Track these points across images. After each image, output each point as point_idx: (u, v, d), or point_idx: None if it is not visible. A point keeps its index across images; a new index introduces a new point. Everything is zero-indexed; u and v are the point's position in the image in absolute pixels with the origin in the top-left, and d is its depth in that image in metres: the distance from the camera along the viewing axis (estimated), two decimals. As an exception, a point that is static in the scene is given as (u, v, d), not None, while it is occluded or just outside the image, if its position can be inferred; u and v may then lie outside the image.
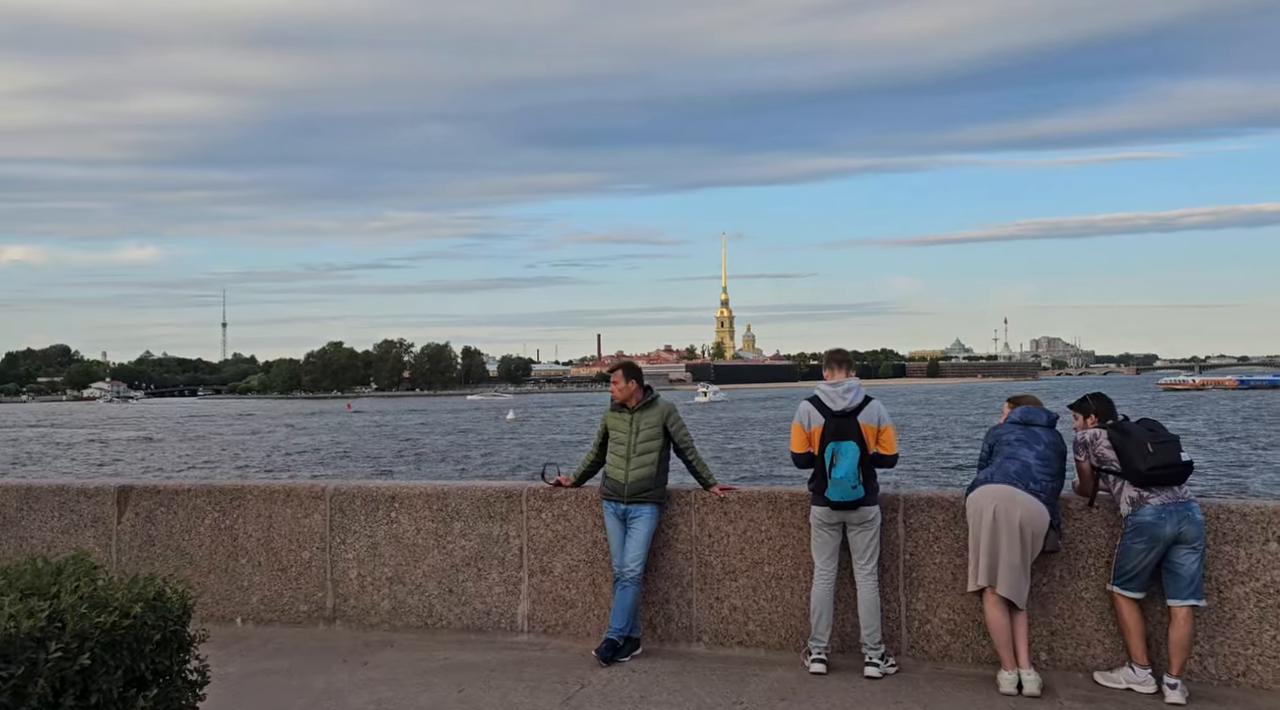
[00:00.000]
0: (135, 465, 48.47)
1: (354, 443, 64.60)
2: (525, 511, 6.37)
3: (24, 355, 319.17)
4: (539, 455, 51.64)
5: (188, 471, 44.53)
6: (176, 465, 47.87)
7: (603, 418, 6.15)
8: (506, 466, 43.77)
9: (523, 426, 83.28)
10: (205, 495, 6.84)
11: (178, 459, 52.15)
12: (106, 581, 3.94)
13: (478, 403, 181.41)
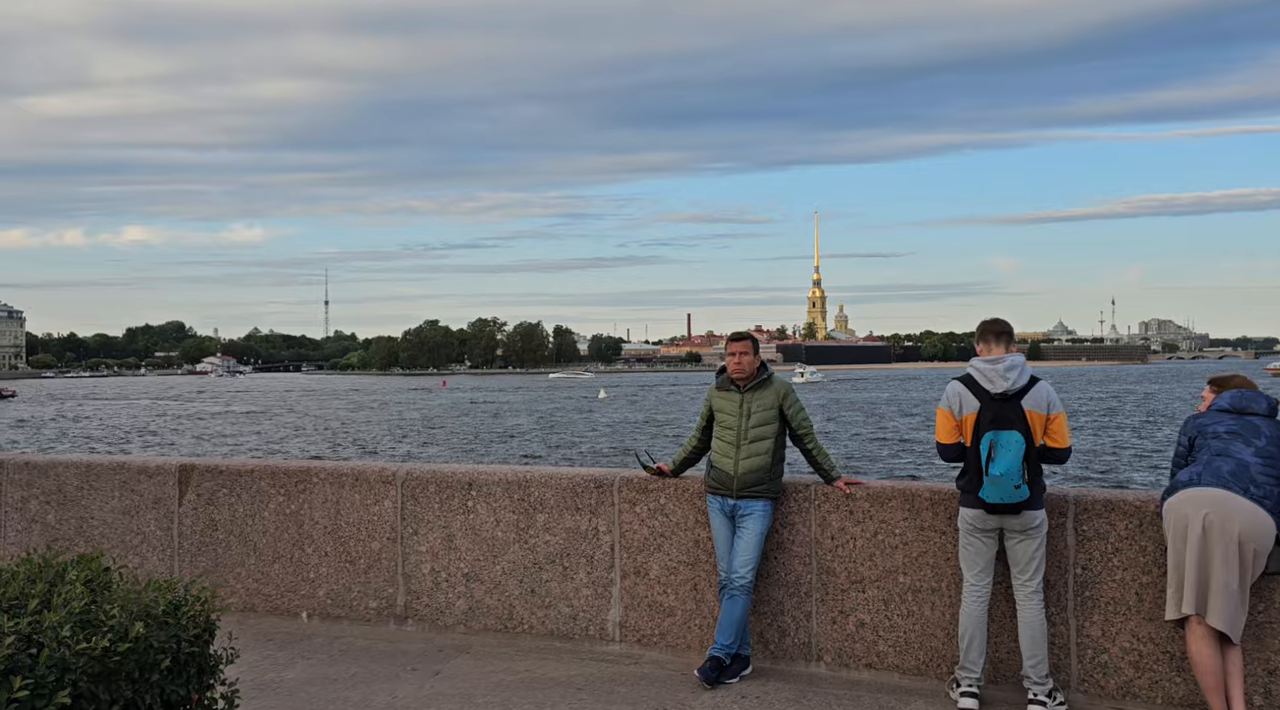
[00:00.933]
0: (230, 438, 49.70)
1: (445, 419, 65.27)
2: (617, 504, 5.57)
3: (142, 331, 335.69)
4: (633, 437, 49.58)
5: (288, 441, 45.40)
6: (275, 438, 48.90)
7: (706, 397, 5.29)
8: (598, 450, 41.69)
9: (612, 404, 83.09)
10: (269, 477, 6.26)
11: (282, 431, 53.41)
12: (122, 588, 3.29)
13: (558, 381, 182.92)
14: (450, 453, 41.85)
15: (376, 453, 41.47)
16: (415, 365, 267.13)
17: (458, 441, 47.12)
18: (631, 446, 42.50)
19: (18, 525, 6.66)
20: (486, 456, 40.09)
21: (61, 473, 6.63)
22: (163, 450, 43.34)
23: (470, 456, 41.08)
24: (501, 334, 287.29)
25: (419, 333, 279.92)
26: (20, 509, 6.67)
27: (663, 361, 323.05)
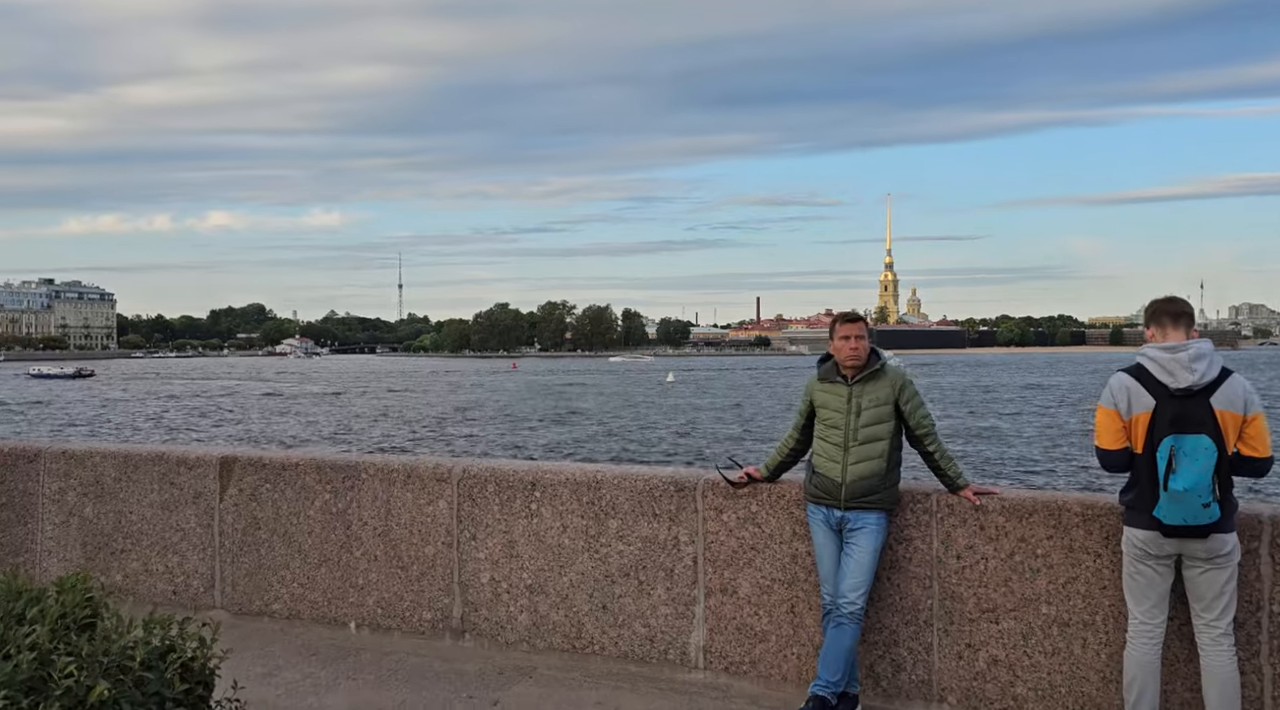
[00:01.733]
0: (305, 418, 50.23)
1: (512, 402, 65.22)
2: (701, 510, 4.84)
3: (225, 313, 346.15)
4: (709, 426, 45.90)
5: (370, 425, 45.71)
6: (353, 422, 49.32)
7: (805, 389, 4.51)
8: (671, 442, 38.06)
9: (682, 388, 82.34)
10: (315, 471, 5.68)
11: (356, 413, 53.94)
12: (106, 626, 2.69)
13: (620, 364, 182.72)
14: (514, 435, 41.07)
15: (456, 443, 38.10)
16: (486, 347, 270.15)
17: (522, 429, 46.37)
18: (706, 434, 39.69)
19: (55, 518, 6.22)
20: (547, 447, 37.03)
21: (99, 463, 6.16)
22: (231, 431, 43.83)
23: (533, 440, 40.12)
24: (571, 317, 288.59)
25: (489, 315, 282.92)
26: (57, 501, 6.23)
27: (731, 345, 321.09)
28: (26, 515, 6.28)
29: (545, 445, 36.65)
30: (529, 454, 33.99)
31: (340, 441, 37.71)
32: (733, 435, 41.18)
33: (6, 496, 6.32)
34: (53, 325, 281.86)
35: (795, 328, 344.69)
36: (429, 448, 34.82)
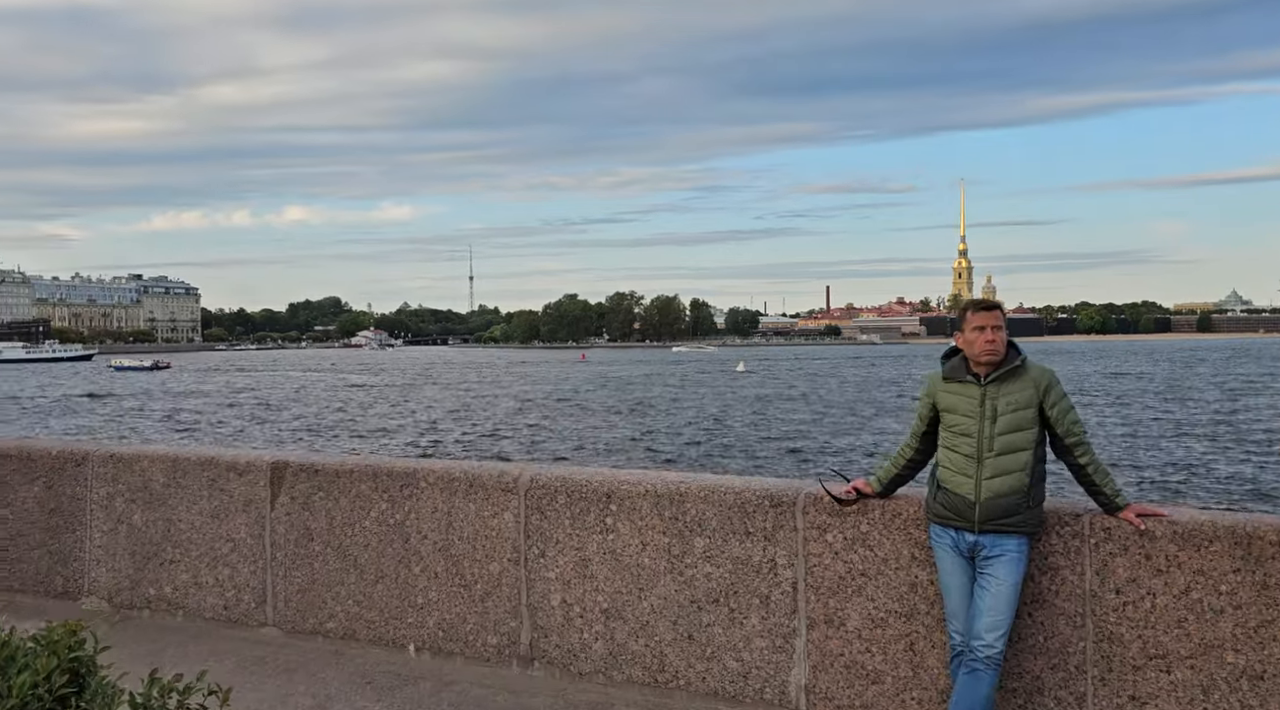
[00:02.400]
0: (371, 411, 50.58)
1: (582, 394, 64.96)
2: (801, 529, 4.20)
3: (303, 306, 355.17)
4: (780, 416, 43.19)
5: (426, 419, 45.80)
6: (406, 413, 49.52)
7: (926, 390, 3.83)
8: (753, 439, 34.19)
9: (753, 378, 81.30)
10: (370, 479, 5.19)
11: (429, 403, 54.23)
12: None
13: (683, 354, 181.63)
14: (584, 428, 40.22)
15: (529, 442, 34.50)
16: (555, 338, 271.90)
17: (592, 422, 45.51)
18: (792, 432, 35.66)
19: (104, 525, 5.87)
20: (618, 446, 33.09)
21: (147, 467, 5.78)
22: (295, 424, 44.15)
23: (605, 436, 39.01)
24: (639, 307, 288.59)
25: (558, 306, 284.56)
26: (106, 507, 5.87)
27: (800, 335, 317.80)
28: (75, 521, 5.95)
29: (617, 442, 33.68)
30: (600, 451, 31.76)
31: (408, 435, 36.74)
32: (814, 428, 37.85)
33: (55, 501, 6.00)
34: (141, 319, 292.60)
35: (866, 316, 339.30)
36: (496, 443, 33.40)
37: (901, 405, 50.54)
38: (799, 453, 30.30)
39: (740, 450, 31.22)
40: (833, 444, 32.92)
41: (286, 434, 38.11)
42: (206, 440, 36.48)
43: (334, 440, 35.44)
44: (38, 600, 5.97)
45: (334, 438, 36.26)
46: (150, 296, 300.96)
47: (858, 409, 48.93)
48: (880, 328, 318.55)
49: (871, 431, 37.46)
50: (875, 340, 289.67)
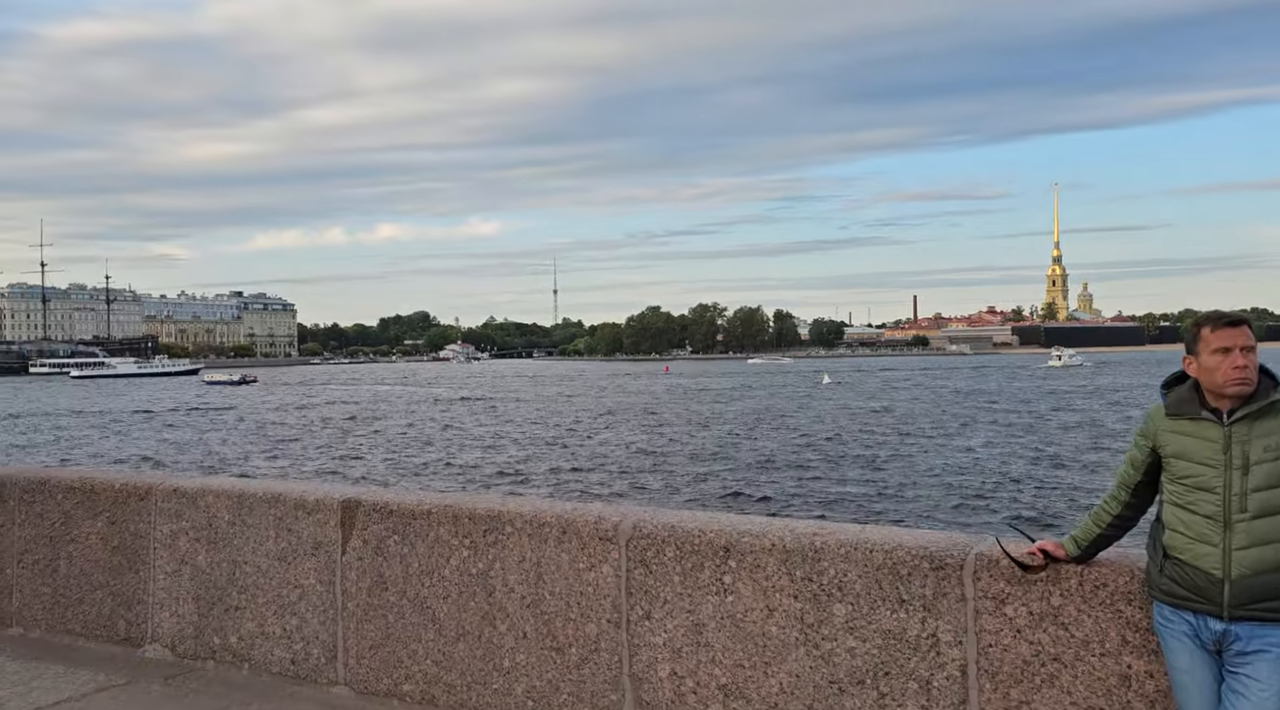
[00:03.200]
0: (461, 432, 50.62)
1: (662, 407, 64.21)
2: (971, 598, 3.40)
3: (394, 321, 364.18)
4: (907, 443, 36.15)
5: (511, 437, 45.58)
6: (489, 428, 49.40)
7: (1143, 428, 2.99)
8: (875, 466, 29.31)
9: (840, 390, 79.30)
10: (450, 522, 4.57)
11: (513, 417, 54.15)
12: None
13: (759, 366, 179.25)
14: (675, 443, 38.78)
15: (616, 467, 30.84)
16: (638, 351, 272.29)
17: (683, 439, 44.20)
18: (923, 467, 29.07)
19: (167, 566, 5.39)
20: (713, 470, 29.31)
21: (212, 503, 5.28)
22: (376, 441, 44.36)
23: (694, 449, 36.94)
24: (722, 319, 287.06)
25: (642, 319, 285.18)
26: (169, 546, 5.39)
27: (887, 345, 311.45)
28: (138, 561, 5.49)
29: (725, 474, 28.24)
30: (706, 481, 27.16)
31: (491, 457, 34.50)
32: (945, 456, 31.60)
33: (119, 538, 5.55)
34: (241, 334, 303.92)
35: (955, 326, 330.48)
36: (588, 472, 29.48)
37: (1064, 425, 43.90)
38: (951, 493, 24.18)
39: (867, 484, 25.85)
40: (986, 482, 26.37)
41: (363, 452, 36.99)
42: (281, 460, 35.41)
43: (413, 461, 33.68)
44: (99, 646, 5.52)
45: (412, 459, 34.49)
46: (250, 313, 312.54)
47: (994, 432, 41.25)
48: (970, 338, 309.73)
49: (1026, 458, 31.38)
50: (965, 350, 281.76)
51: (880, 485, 25.91)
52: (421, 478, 29.55)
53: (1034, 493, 24.53)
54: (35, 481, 5.93)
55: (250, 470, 30.99)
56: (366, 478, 28.30)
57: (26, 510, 5.89)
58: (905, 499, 23.57)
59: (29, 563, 5.86)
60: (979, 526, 18.33)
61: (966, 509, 22.03)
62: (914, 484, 25.97)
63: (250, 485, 5.33)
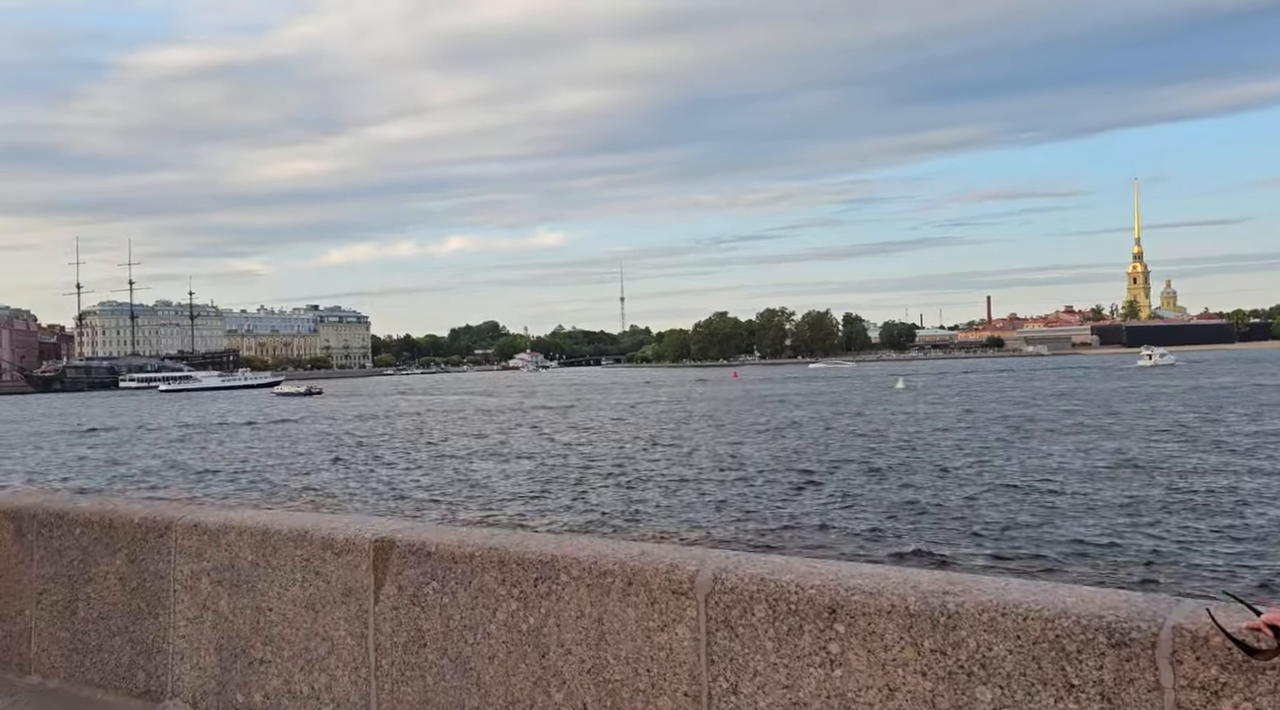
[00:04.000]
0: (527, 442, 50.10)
1: (732, 416, 63.08)
2: (1171, 688, 2.56)
3: (464, 331, 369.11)
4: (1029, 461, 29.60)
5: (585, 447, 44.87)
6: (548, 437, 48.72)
7: None
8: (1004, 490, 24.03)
9: (918, 396, 77.11)
10: (497, 567, 3.87)
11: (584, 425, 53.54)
12: None
13: (819, 370, 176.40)
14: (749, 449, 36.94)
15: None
16: (706, 356, 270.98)
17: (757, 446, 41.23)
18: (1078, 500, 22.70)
19: (189, 611, 4.81)
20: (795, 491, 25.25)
21: (234, 541, 4.69)
22: (431, 452, 44.02)
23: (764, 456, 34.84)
24: (790, 323, 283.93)
25: (709, 325, 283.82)
26: (190, 588, 4.82)
27: (960, 347, 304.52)
28: (158, 604, 4.93)
29: (822, 503, 23.28)
30: (785, 501, 23.24)
31: (549, 471, 31.54)
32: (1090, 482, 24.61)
33: (138, 579, 5.00)
34: (318, 347, 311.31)
35: (1031, 326, 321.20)
36: (657, 500, 24.84)
37: (1223, 435, 36.24)
38: (1110, 526, 18.70)
39: (993, 510, 20.97)
40: (1155, 510, 20.39)
41: (411, 469, 34.18)
42: (326, 475, 33.39)
43: (461, 481, 30.31)
44: (118, 699, 4.97)
45: (461, 479, 30.89)
46: (326, 325, 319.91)
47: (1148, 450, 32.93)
48: (1048, 338, 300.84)
49: (1201, 479, 24.50)
50: (1043, 351, 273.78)
51: (1007, 512, 20.95)
52: (469, 502, 25.95)
53: (1238, 533, 17.67)
54: (54, 514, 5.43)
55: (293, 489, 29.48)
56: (407, 500, 26.43)
57: (45, 546, 5.40)
58: (1046, 533, 18.46)
59: (48, 604, 5.35)
60: (1167, 580, 14.20)
61: (1138, 552, 16.45)
62: (1052, 512, 20.80)
63: (275, 520, 4.72)
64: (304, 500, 26.33)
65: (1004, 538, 18.32)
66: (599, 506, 24.45)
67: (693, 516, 22.24)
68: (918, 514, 21.27)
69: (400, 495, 27.39)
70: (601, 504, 24.86)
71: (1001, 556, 16.62)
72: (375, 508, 24.73)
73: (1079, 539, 17.86)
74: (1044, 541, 17.81)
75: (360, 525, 4.47)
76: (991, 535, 18.59)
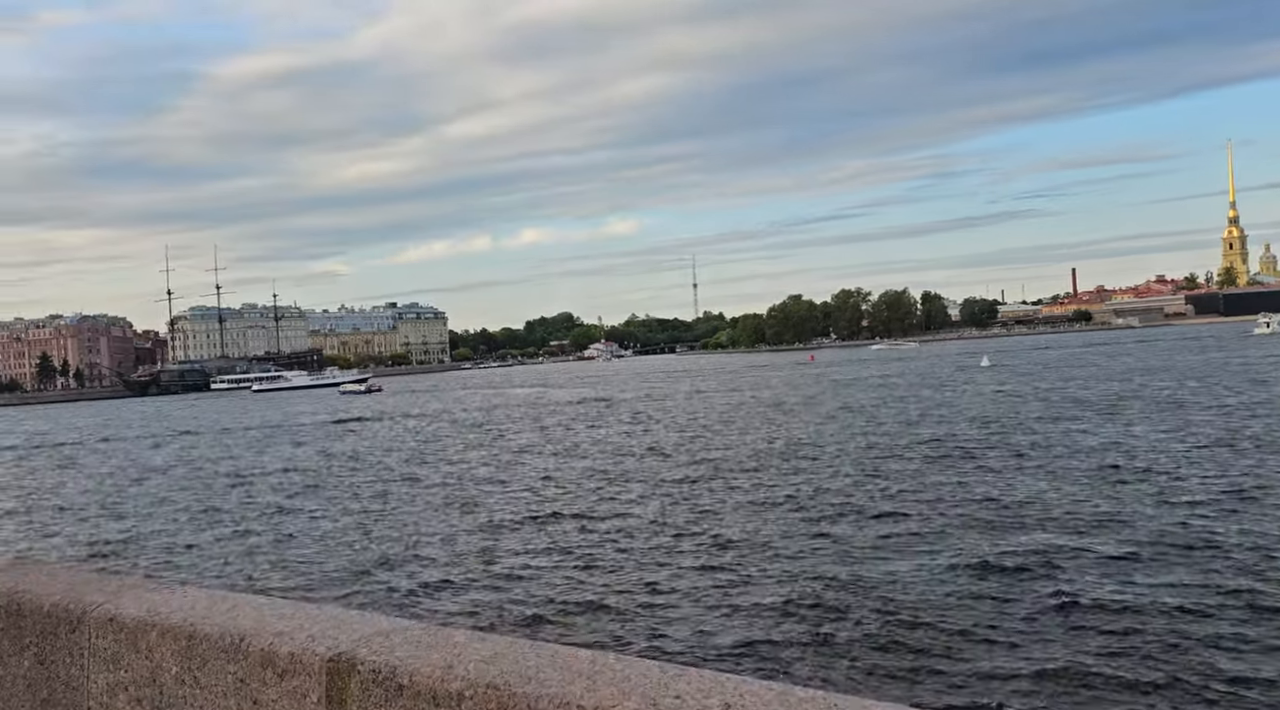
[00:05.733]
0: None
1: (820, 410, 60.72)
2: None
3: (539, 323, 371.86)
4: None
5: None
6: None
7: None
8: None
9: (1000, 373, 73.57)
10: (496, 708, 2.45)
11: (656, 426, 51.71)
12: None
13: (881, 352, 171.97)
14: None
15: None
16: (781, 341, 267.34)
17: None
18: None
19: (106, 736, 3.53)
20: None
21: (155, 647, 3.39)
22: (478, 455, 42.70)
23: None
24: (866, 304, 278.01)
25: (783, 308, 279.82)
26: (106, 705, 3.54)
27: (1045, 322, 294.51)
28: (72, 722, 3.67)
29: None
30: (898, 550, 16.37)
31: (594, 504, 23.62)
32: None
33: (48, 689, 3.76)
34: (397, 343, 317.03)
35: (1120, 298, 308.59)
36: (715, 536, 18.44)
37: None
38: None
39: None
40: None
41: (416, 497, 27.30)
42: (329, 493, 29.35)
43: (470, 518, 22.88)
44: None
45: (480, 527, 21.96)
46: (404, 322, 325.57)
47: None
48: (1139, 309, 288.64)
49: None
50: (1134, 323, 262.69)
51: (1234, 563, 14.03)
52: (476, 565, 17.84)
53: None
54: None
55: (270, 533, 23.36)
56: (388, 565, 18.28)
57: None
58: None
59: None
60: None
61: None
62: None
63: (203, 619, 3.37)
64: (268, 560, 19.81)
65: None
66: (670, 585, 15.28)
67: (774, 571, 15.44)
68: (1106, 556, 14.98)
69: (383, 559, 18.87)
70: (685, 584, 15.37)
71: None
72: (351, 569, 18.16)
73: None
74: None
75: (313, 628, 3.10)
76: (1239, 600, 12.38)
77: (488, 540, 20.28)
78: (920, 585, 14.30)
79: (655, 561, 17.09)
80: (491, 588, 16.16)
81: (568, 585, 15.91)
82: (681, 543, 18.54)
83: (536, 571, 17.04)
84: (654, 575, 16.04)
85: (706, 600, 14.32)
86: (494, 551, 19.07)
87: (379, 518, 24.42)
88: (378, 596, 16.00)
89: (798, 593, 14.19)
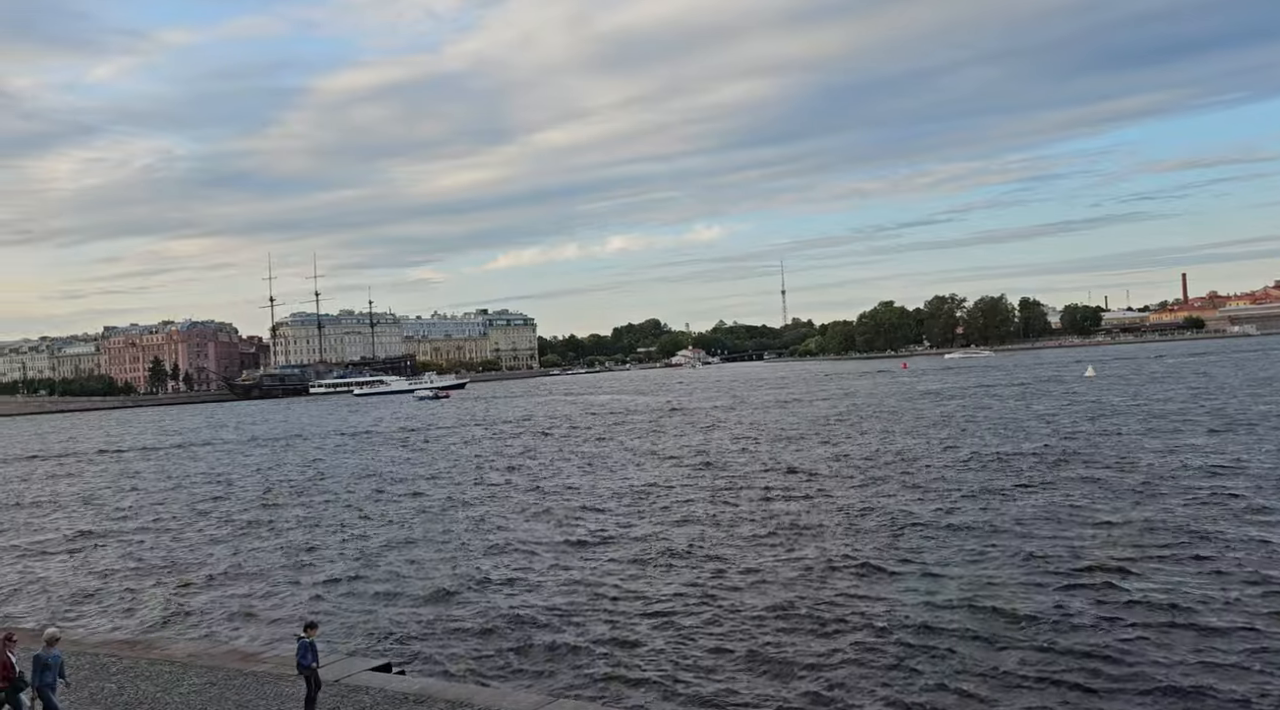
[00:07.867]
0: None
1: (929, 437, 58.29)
2: None
3: (626, 329, 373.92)
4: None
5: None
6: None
7: None
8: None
9: (1108, 385, 70.41)
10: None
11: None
12: None
13: (954, 362, 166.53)
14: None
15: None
16: (872, 348, 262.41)
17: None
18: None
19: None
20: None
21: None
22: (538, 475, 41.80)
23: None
24: (961, 311, 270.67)
25: (874, 315, 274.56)
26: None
27: (1153, 330, 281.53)
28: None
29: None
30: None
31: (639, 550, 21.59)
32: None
33: None
34: (487, 350, 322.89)
35: (1235, 305, 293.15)
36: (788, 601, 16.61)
37: None
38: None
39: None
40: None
41: (443, 526, 26.49)
42: (343, 513, 29.84)
43: (490, 561, 21.36)
44: None
45: (486, 561, 21.38)
46: (495, 329, 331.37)
47: None
48: (1256, 316, 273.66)
49: None
50: (1250, 331, 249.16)
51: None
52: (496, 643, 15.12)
53: None
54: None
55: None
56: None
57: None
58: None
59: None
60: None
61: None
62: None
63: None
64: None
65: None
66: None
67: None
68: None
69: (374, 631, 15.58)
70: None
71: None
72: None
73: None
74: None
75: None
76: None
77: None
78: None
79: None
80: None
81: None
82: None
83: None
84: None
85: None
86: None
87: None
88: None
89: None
